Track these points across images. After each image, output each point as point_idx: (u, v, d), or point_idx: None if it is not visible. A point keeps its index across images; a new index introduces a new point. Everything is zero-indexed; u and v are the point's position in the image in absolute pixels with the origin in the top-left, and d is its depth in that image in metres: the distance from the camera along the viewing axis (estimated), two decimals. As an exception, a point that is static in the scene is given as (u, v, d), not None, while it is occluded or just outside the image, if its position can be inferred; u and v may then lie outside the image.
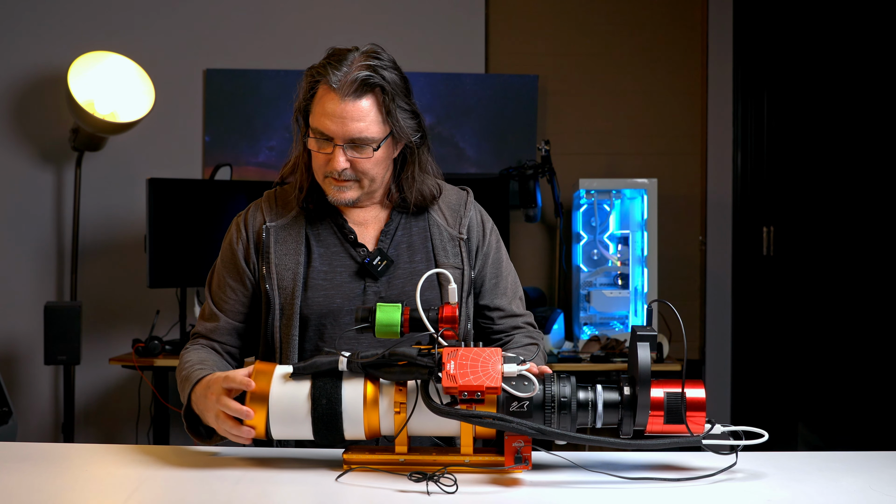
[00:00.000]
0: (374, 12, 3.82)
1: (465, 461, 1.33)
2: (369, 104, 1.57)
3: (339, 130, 1.57)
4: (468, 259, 1.71)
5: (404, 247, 1.69)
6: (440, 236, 1.71)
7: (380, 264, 1.65)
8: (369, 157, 1.60)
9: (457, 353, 1.27)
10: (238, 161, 3.78)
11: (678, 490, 1.27)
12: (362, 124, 1.57)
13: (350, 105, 1.56)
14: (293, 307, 1.62)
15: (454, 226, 1.73)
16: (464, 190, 1.80)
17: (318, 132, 1.59)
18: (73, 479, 1.37)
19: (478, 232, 1.75)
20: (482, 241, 1.75)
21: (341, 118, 1.56)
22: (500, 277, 1.77)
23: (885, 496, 1.24)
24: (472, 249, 1.73)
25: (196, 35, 3.80)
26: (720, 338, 3.89)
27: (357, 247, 1.68)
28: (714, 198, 3.90)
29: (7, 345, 3.73)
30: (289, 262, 1.65)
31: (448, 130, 3.82)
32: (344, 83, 1.55)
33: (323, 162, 1.61)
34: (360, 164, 1.60)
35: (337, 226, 1.69)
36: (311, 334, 1.64)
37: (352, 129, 1.57)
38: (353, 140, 1.58)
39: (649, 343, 1.29)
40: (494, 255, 1.77)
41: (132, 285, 3.68)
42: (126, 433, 3.74)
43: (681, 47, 3.92)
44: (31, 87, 3.76)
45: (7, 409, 2.94)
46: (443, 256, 1.69)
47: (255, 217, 1.71)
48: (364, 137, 1.58)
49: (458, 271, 1.69)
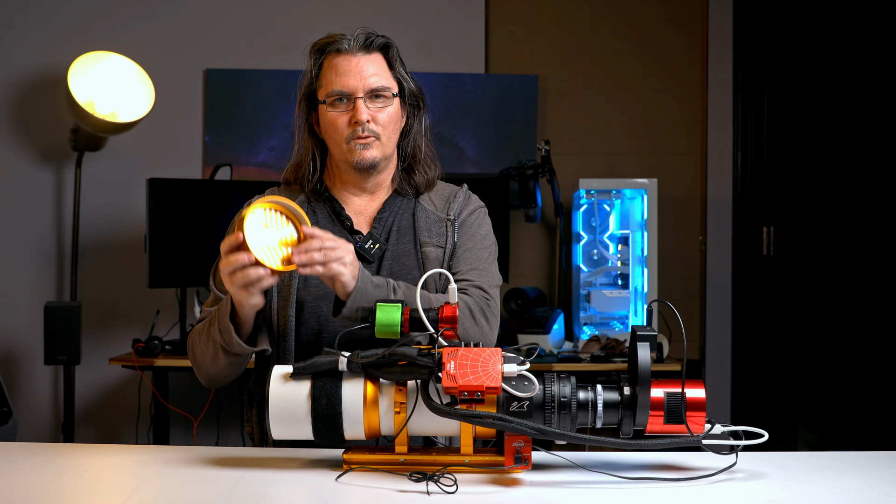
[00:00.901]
0: (374, 12, 3.82)
1: (465, 461, 1.33)
2: (380, 59, 1.71)
3: (358, 83, 1.67)
4: (452, 239, 1.73)
5: (394, 230, 1.73)
6: (426, 218, 1.75)
7: (372, 248, 1.70)
8: (389, 106, 1.69)
9: (457, 353, 1.27)
10: (238, 161, 3.78)
11: (678, 490, 1.27)
12: (378, 76, 1.68)
13: (364, 58, 1.69)
14: (290, 289, 1.66)
15: (442, 210, 1.77)
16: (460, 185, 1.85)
17: (335, 94, 1.68)
18: (73, 479, 1.37)
19: (462, 209, 1.78)
20: (462, 215, 1.77)
21: (358, 71, 1.67)
22: (469, 248, 1.73)
23: (885, 496, 1.24)
24: (456, 229, 1.75)
25: (196, 35, 3.80)
26: (720, 338, 3.89)
27: (353, 233, 1.72)
28: (714, 198, 3.90)
29: (7, 345, 3.73)
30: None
31: (448, 130, 3.82)
32: (352, 42, 1.69)
33: (345, 122, 1.68)
34: (380, 118, 1.69)
35: (334, 212, 1.74)
36: (307, 317, 1.67)
37: (370, 79, 1.67)
38: (372, 90, 1.68)
39: (649, 343, 1.29)
40: (470, 229, 1.76)
41: (132, 285, 3.68)
42: (126, 433, 3.74)
43: (681, 47, 3.92)
44: (31, 87, 3.76)
45: (7, 409, 2.94)
46: (426, 236, 1.72)
47: None
48: (382, 86, 1.68)
49: (440, 250, 1.72)
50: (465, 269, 1.71)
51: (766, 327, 3.84)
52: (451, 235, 1.73)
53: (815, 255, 3.75)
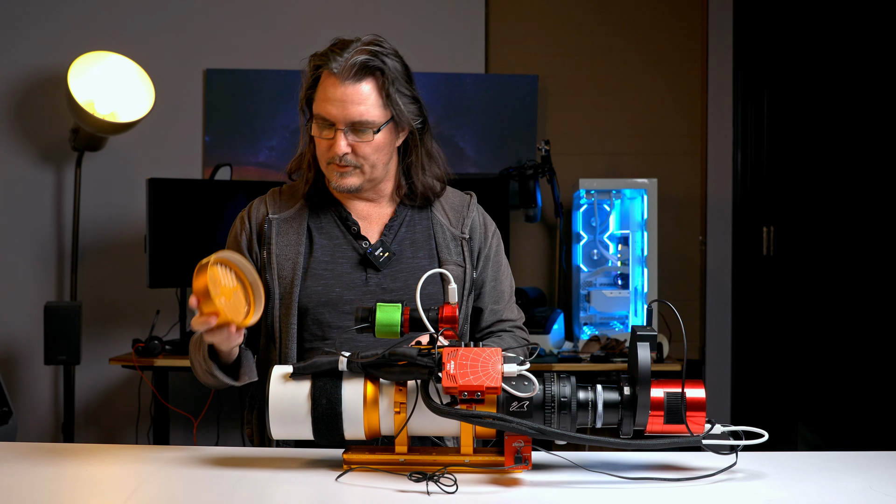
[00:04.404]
0: (374, 12, 3.82)
1: (465, 461, 1.33)
2: (370, 88, 1.60)
3: (340, 114, 1.59)
4: (470, 259, 1.73)
5: (407, 243, 1.71)
6: (443, 234, 1.73)
7: (381, 255, 1.67)
8: (370, 140, 1.62)
9: (457, 353, 1.27)
10: (238, 161, 3.78)
11: (678, 490, 1.27)
12: (362, 108, 1.59)
13: (350, 88, 1.59)
14: (292, 296, 1.64)
15: (456, 225, 1.75)
16: (468, 193, 1.83)
17: (320, 117, 1.62)
18: (73, 479, 1.37)
19: (480, 233, 1.77)
20: (484, 243, 1.77)
21: (342, 102, 1.59)
22: (499, 281, 1.78)
23: (885, 496, 1.24)
24: (473, 250, 1.75)
25: (196, 35, 3.80)
26: (720, 338, 3.89)
27: (359, 239, 1.70)
28: (714, 198, 3.90)
29: (7, 345, 3.73)
30: (289, 253, 1.67)
31: (448, 130, 3.82)
32: (344, 67, 1.58)
33: (325, 147, 1.64)
34: (361, 149, 1.63)
35: (340, 218, 1.72)
36: (309, 323, 1.65)
37: (352, 113, 1.59)
38: (353, 123, 1.60)
39: (649, 343, 1.29)
40: (495, 259, 1.79)
41: (132, 285, 3.68)
42: (126, 433, 3.74)
43: (681, 47, 3.92)
44: (31, 87, 3.76)
45: (7, 409, 2.94)
46: (446, 254, 1.71)
47: (259, 210, 1.74)
48: (364, 121, 1.60)
49: (460, 269, 1.71)
50: (501, 307, 1.77)
51: (766, 327, 3.83)
52: (467, 256, 1.72)
53: (815, 255, 3.75)
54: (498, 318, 1.77)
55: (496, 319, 1.77)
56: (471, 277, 1.71)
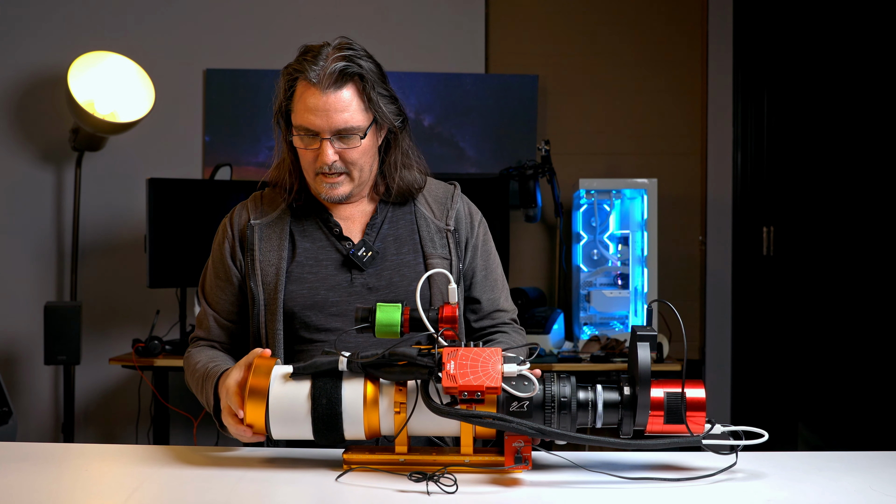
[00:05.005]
0: (374, 12, 3.82)
1: (465, 461, 1.33)
2: (351, 93, 1.59)
3: (325, 124, 1.58)
4: (456, 251, 1.71)
5: (391, 239, 1.70)
6: (427, 228, 1.71)
7: (365, 255, 1.66)
8: (357, 146, 1.61)
9: (457, 353, 1.27)
10: (238, 161, 3.78)
11: (678, 490, 1.27)
12: (347, 114, 1.58)
13: (332, 97, 1.57)
14: (276, 302, 1.63)
15: (441, 218, 1.74)
16: (451, 184, 1.81)
17: (302, 129, 1.60)
18: (73, 479, 1.37)
19: (466, 224, 1.75)
20: (471, 233, 1.75)
21: (325, 111, 1.57)
22: (489, 270, 1.77)
23: (885, 496, 1.24)
24: (460, 241, 1.73)
25: (196, 35, 3.80)
26: (720, 338, 3.89)
27: (342, 240, 1.69)
28: (714, 198, 3.90)
29: (7, 345, 3.73)
30: (272, 258, 1.66)
31: (448, 130, 3.82)
32: (323, 76, 1.56)
33: (312, 159, 1.62)
34: (349, 155, 1.61)
35: (322, 220, 1.70)
36: (297, 327, 1.65)
37: (337, 121, 1.58)
38: (339, 131, 1.59)
39: (649, 343, 1.29)
40: (483, 247, 1.77)
41: (132, 285, 3.68)
42: (126, 433, 3.74)
43: (681, 47, 3.92)
44: (31, 87, 3.76)
45: (7, 409, 2.94)
46: (430, 247, 1.69)
47: (241, 216, 1.72)
48: (350, 127, 1.59)
49: (445, 262, 1.69)
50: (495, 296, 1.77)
51: (765, 327, 3.83)
52: (452, 248, 1.71)
53: (815, 255, 3.75)
54: (496, 307, 1.77)
55: (494, 309, 1.77)
56: (457, 269, 1.70)
